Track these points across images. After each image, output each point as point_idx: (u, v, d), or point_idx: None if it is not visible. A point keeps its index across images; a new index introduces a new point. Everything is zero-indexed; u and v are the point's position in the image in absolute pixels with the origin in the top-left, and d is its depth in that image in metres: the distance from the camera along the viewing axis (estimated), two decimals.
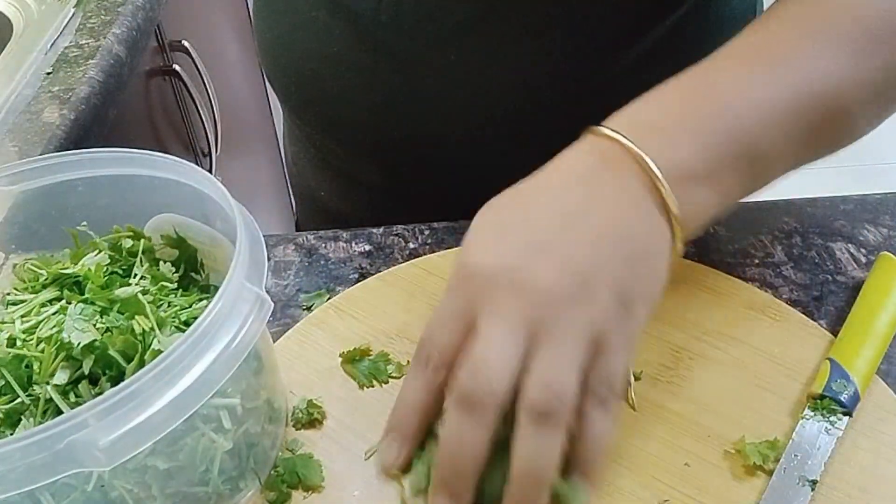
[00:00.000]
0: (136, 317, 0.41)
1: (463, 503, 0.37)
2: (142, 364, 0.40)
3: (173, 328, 0.42)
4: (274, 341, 0.53)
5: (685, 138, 0.41)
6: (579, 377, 0.36)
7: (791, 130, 0.43)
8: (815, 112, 0.43)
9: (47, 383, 0.39)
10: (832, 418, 0.46)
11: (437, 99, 0.62)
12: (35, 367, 0.40)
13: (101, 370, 0.40)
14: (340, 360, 0.51)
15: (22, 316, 0.42)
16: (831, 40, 0.44)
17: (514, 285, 0.37)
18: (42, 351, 0.40)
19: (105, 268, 0.45)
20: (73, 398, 0.39)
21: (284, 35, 0.67)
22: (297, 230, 0.86)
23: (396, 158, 0.68)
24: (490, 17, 0.58)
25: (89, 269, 0.44)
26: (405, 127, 0.64)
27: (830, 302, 0.55)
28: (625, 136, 0.40)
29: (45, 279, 0.45)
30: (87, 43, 0.80)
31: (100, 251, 0.47)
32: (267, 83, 1.58)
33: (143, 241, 0.48)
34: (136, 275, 0.46)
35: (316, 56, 0.64)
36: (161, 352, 0.40)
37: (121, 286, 0.43)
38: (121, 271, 0.47)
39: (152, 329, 0.41)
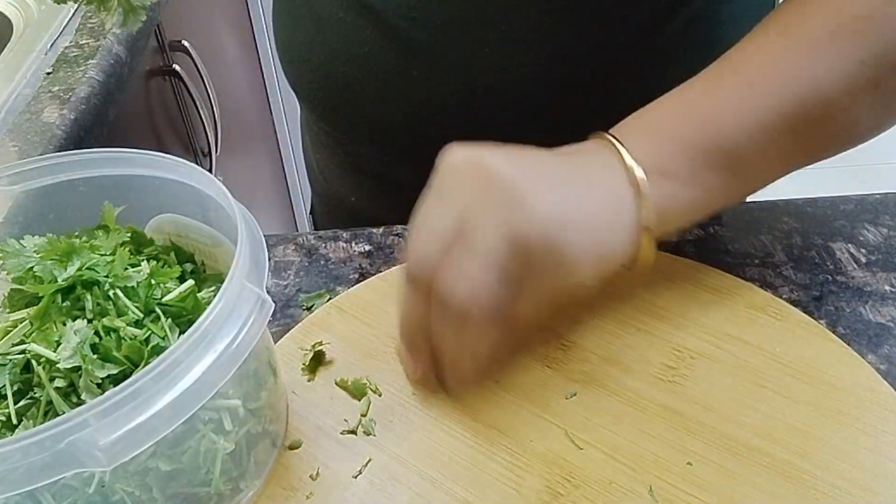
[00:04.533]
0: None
1: None
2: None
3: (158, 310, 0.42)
4: (274, 341, 0.53)
5: (668, 142, 0.46)
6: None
7: (778, 136, 0.46)
8: (803, 116, 0.46)
9: (51, 380, 0.39)
10: None
11: (472, 94, 0.62)
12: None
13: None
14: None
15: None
16: (818, 43, 0.46)
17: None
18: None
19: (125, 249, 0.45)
20: (74, 399, 0.39)
21: (309, 39, 0.66)
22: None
23: (433, 156, 0.68)
24: (523, 6, 0.58)
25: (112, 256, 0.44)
26: (441, 124, 0.64)
27: (830, 302, 0.55)
28: (615, 137, 0.47)
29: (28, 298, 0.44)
30: (87, 43, 0.80)
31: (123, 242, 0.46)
32: (267, 83, 1.58)
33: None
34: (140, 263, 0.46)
35: (344, 58, 0.64)
36: (162, 347, 0.40)
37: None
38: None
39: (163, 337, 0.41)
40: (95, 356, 0.39)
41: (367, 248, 0.62)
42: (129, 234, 0.47)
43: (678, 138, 0.46)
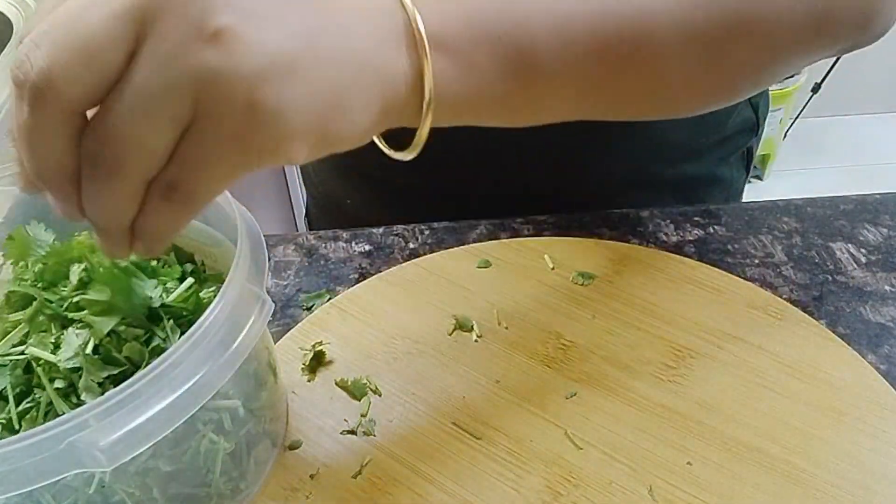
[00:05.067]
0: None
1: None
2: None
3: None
4: (274, 341, 0.53)
5: (456, 16, 0.37)
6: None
7: (582, 51, 0.39)
8: (616, 36, 0.39)
9: (51, 381, 0.39)
10: None
11: None
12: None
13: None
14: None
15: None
16: None
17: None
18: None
19: None
20: (74, 400, 0.39)
21: None
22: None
23: (428, 158, 0.68)
24: None
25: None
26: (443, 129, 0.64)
27: (830, 302, 0.55)
28: None
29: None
30: None
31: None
32: None
33: None
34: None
35: None
36: (163, 348, 0.40)
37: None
38: None
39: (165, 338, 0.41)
40: (96, 357, 0.39)
41: (367, 248, 0.62)
42: None
43: (468, 18, 0.37)
